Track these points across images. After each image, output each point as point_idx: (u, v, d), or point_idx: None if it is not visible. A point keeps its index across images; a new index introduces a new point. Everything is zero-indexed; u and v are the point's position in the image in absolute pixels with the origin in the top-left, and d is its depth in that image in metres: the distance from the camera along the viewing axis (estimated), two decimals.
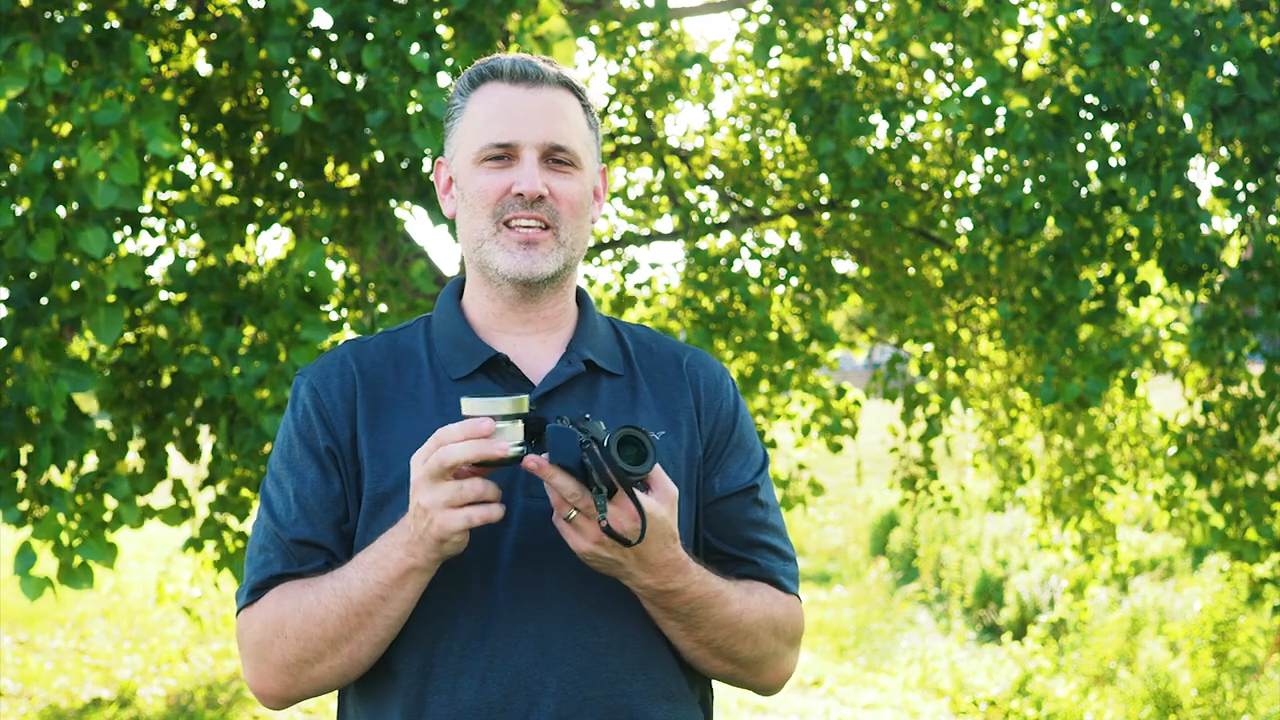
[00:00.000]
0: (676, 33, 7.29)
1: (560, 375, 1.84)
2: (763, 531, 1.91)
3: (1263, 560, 5.46)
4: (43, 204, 3.90)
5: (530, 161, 1.80)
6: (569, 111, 1.83)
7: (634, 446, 1.60)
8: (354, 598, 1.68)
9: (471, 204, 1.83)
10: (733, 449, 1.91)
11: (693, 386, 1.92)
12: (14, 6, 4.31)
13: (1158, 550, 10.99)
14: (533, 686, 1.73)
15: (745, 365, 6.64)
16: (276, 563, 1.78)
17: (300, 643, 1.72)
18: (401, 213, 5.48)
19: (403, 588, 1.67)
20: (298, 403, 1.85)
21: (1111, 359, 5.24)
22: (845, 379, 19.00)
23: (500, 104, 1.81)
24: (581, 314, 1.93)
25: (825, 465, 15.79)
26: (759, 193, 7.21)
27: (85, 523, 4.29)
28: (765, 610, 1.84)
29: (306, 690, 1.76)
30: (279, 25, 4.41)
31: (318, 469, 1.79)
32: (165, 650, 9.15)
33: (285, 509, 1.79)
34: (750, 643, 1.83)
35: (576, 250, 1.85)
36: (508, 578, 1.75)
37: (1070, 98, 5.01)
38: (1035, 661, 8.02)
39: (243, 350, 4.42)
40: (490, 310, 1.87)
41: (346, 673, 1.74)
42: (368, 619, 1.69)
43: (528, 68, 1.82)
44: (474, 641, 1.74)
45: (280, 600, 1.75)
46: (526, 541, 1.75)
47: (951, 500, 7.47)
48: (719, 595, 1.77)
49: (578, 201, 1.83)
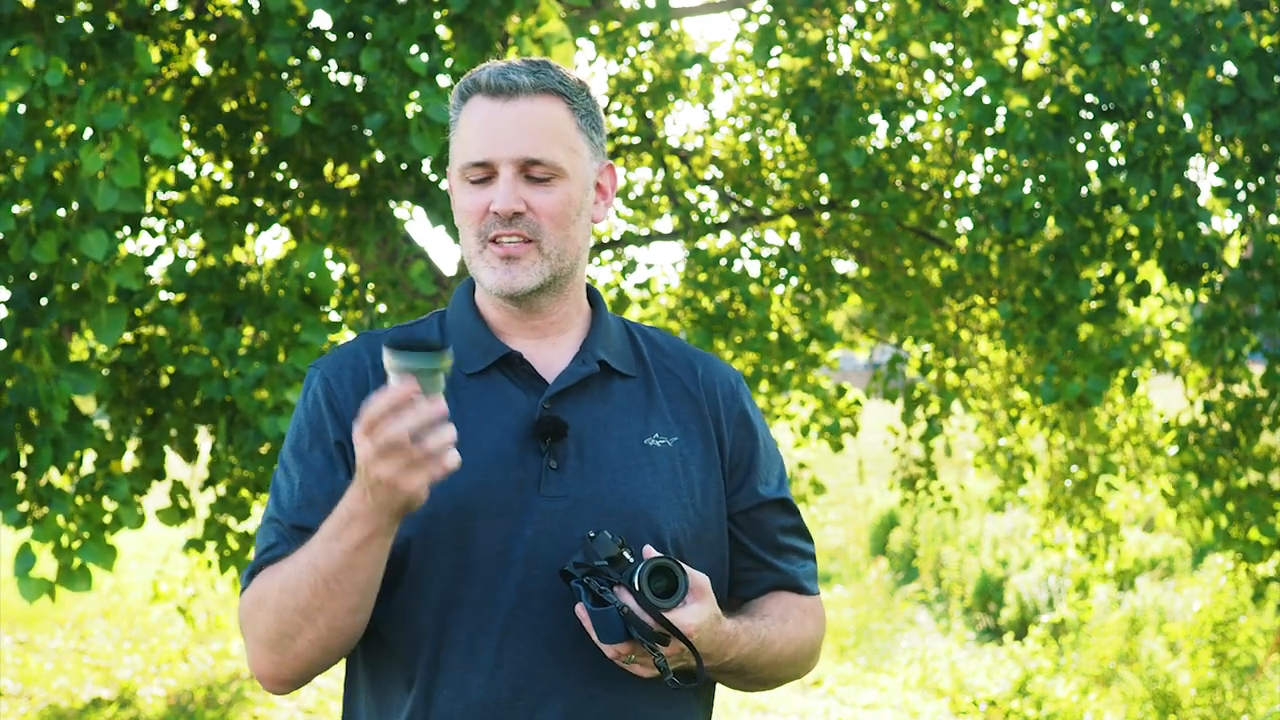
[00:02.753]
0: (676, 33, 7.28)
1: (575, 374, 1.84)
2: (791, 535, 1.96)
3: (1266, 560, 5.46)
4: (44, 206, 3.90)
5: (505, 178, 1.79)
6: (549, 119, 1.81)
7: (664, 576, 1.66)
8: (321, 567, 1.68)
9: (460, 221, 1.85)
10: (760, 456, 1.94)
11: (709, 395, 1.92)
12: (17, 8, 4.30)
13: (1158, 550, 10.99)
14: (541, 685, 1.74)
15: (745, 365, 6.64)
16: (278, 548, 1.79)
17: (278, 615, 1.72)
18: (401, 213, 5.48)
19: (367, 553, 1.66)
20: (309, 394, 1.86)
21: (1112, 358, 5.24)
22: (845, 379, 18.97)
23: (479, 120, 1.81)
24: (595, 315, 1.93)
25: (825, 465, 15.78)
26: (759, 193, 7.21)
27: (85, 524, 4.29)
28: (800, 634, 1.91)
29: (294, 669, 1.75)
30: (279, 27, 4.41)
31: (324, 460, 1.80)
32: (165, 650, 9.15)
33: (290, 497, 1.80)
34: (791, 668, 1.91)
35: (565, 259, 1.83)
36: (521, 576, 1.75)
37: (1070, 97, 5.01)
38: (1035, 661, 8.01)
39: (242, 351, 4.42)
40: (497, 316, 1.89)
41: (329, 644, 1.73)
42: (337, 587, 1.68)
43: (503, 80, 1.81)
44: (482, 639, 1.74)
45: (265, 578, 1.76)
46: (539, 540, 1.76)
47: (951, 500, 7.47)
48: (763, 643, 1.83)
49: (559, 212, 1.81)
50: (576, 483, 1.78)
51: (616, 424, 1.84)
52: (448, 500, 1.71)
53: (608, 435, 1.82)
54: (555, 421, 1.78)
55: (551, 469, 1.78)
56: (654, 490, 1.81)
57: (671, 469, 1.84)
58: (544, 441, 1.78)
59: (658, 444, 1.84)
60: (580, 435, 1.80)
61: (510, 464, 1.77)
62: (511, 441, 1.78)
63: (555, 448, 1.78)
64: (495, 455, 1.77)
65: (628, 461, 1.82)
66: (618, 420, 1.84)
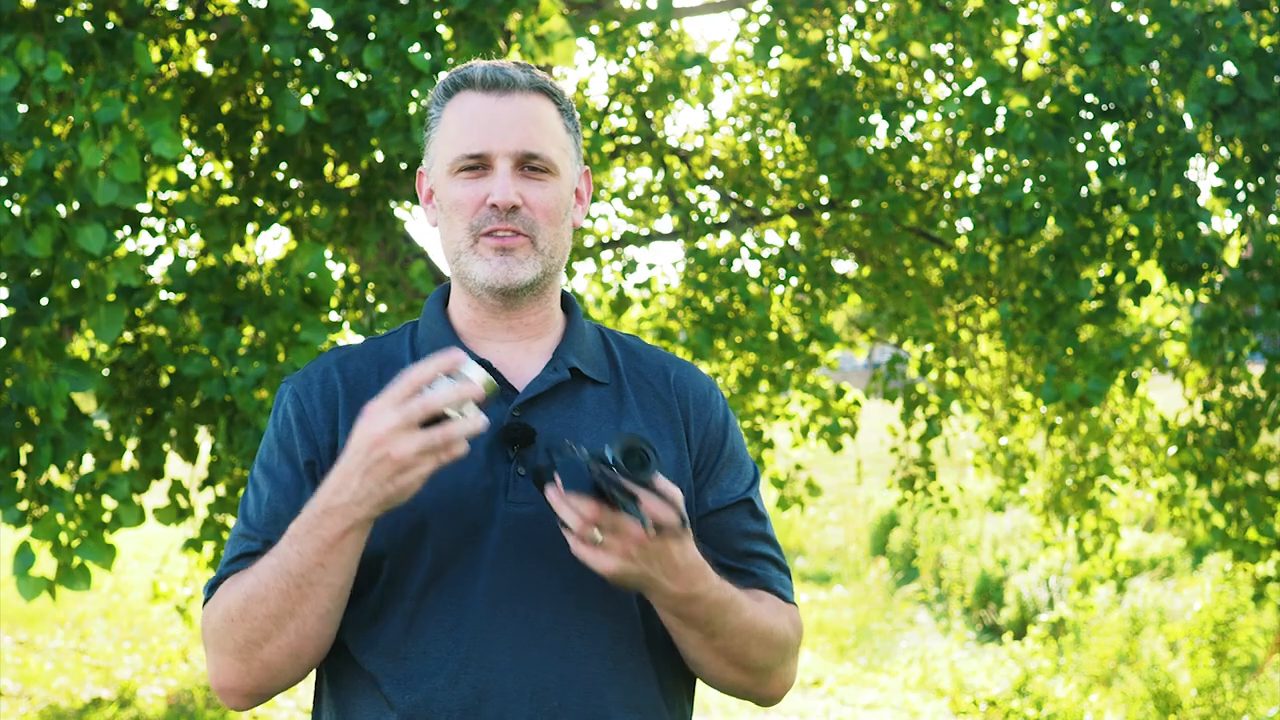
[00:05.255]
0: (676, 33, 7.29)
1: (545, 381, 1.82)
2: (758, 542, 1.91)
3: (1264, 560, 5.46)
4: (39, 200, 3.90)
5: (503, 171, 1.78)
6: (543, 118, 1.82)
7: (636, 455, 1.59)
8: (292, 570, 1.66)
9: (449, 215, 1.83)
10: (725, 462, 1.90)
11: (680, 400, 1.90)
12: (16, 7, 4.31)
13: (1158, 550, 10.99)
14: (508, 690, 1.72)
15: (745, 365, 6.64)
16: (242, 561, 1.78)
17: (246, 624, 1.70)
18: (401, 213, 5.48)
19: (342, 552, 1.66)
20: (279, 410, 1.85)
21: (1112, 358, 5.24)
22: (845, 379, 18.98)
23: (473, 113, 1.80)
24: (569, 321, 1.92)
25: (825, 465, 15.79)
26: (759, 193, 7.21)
27: (84, 523, 4.29)
28: (773, 616, 1.85)
29: (261, 679, 1.74)
30: (282, 25, 4.41)
31: (292, 477, 1.79)
32: (165, 650, 9.15)
33: (258, 514, 1.79)
34: (763, 649, 1.82)
35: (555, 257, 1.83)
36: (487, 582, 1.74)
37: (1070, 97, 5.01)
38: (1035, 661, 8.01)
39: (242, 351, 4.42)
40: (473, 318, 1.87)
41: (297, 651, 1.71)
42: (309, 589, 1.67)
43: (499, 75, 1.80)
44: (448, 642, 1.73)
45: (230, 588, 1.74)
46: (507, 546, 1.75)
47: (950, 500, 7.47)
48: (734, 600, 1.77)
49: (554, 209, 1.81)
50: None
51: (586, 430, 1.82)
52: (414, 508, 1.70)
53: (577, 442, 1.81)
54: (523, 429, 1.77)
55: (519, 476, 1.76)
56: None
57: None
58: (512, 448, 1.77)
59: None
60: (549, 442, 1.79)
61: (479, 472, 1.76)
62: (480, 449, 1.76)
63: (523, 455, 1.77)
64: (463, 463, 1.72)
65: None
66: (588, 426, 1.82)
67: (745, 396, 6.88)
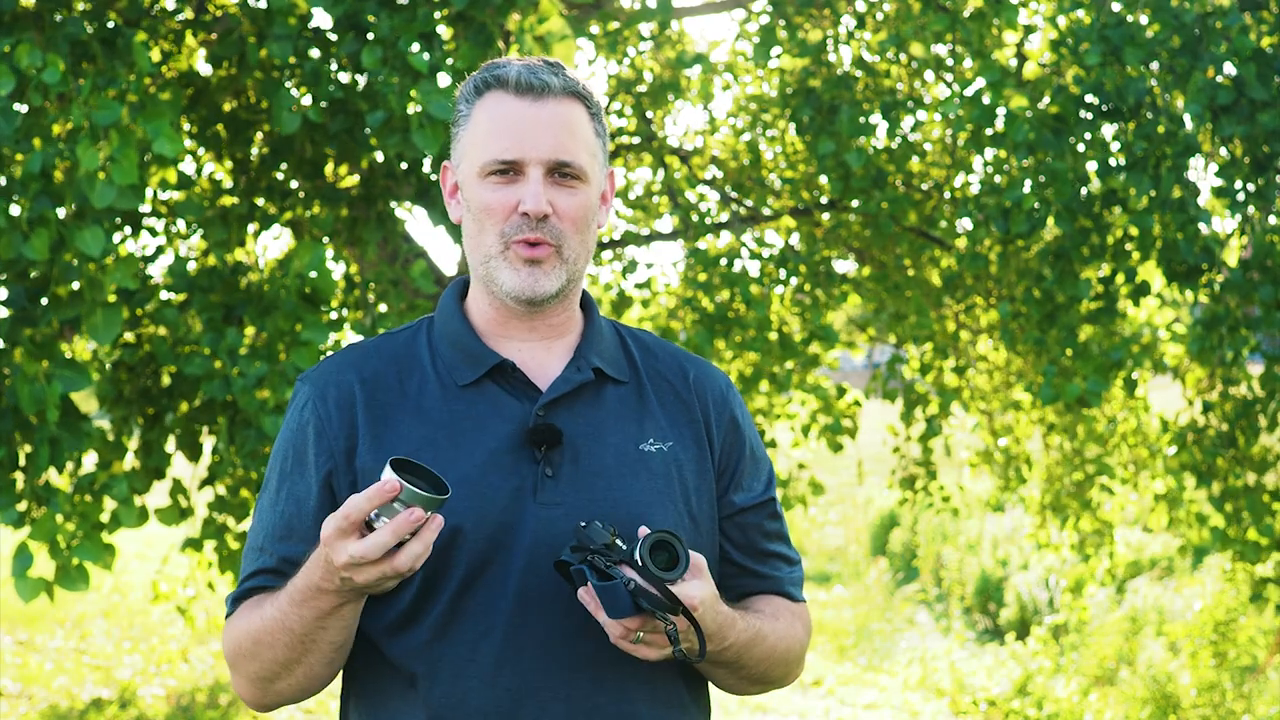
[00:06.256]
0: (676, 33, 7.28)
1: (569, 382, 1.83)
2: (776, 542, 1.95)
3: (1264, 560, 5.46)
4: (37, 202, 3.90)
5: (535, 179, 1.77)
6: (575, 123, 1.80)
7: (665, 551, 1.65)
8: (294, 629, 1.70)
9: (478, 218, 1.81)
10: (747, 461, 1.93)
11: (700, 401, 1.91)
12: (16, 7, 4.30)
13: (1158, 550, 10.99)
14: (542, 692, 1.74)
15: (745, 365, 6.64)
16: (260, 578, 1.80)
17: (258, 663, 1.76)
18: (401, 213, 5.48)
19: (338, 618, 1.70)
20: (297, 413, 1.84)
21: (1112, 359, 5.24)
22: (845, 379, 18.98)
23: (505, 117, 1.78)
24: (588, 320, 1.92)
25: (825, 465, 15.78)
26: (759, 193, 7.20)
27: (82, 524, 4.28)
28: (791, 633, 1.90)
29: (276, 701, 1.80)
30: (280, 25, 4.41)
31: (308, 487, 1.80)
32: (165, 650, 9.15)
33: (274, 523, 1.81)
34: (783, 667, 1.90)
35: (580, 264, 1.83)
36: (519, 584, 1.75)
37: (1070, 97, 5.01)
38: (1036, 661, 8.01)
39: (243, 351, 4.42)
40: (494, 317, 1.86)
41: (308, 687, 1.77)
42: (312, 644, 1.72)
43: (534, 79, 1.78)
44: (483, 646, 1.74)
45: (245, 617, 1.78)
46: (537, 548, 1.75)
47: (950, 500, 7.47)
48: (757, 634, 1.82)
49: (582, 216, 1.81)
50: (572, 490, 1.78)
51: (611, 430, 1.83)
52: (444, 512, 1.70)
53: (602, 441, 1.81)
54: (549, 429, 1.78)
55: (547, 477, 1.77)
56: (649, 496, 1.81)
57: (666, 474, 1.83)
58: (539, 449, 1.78)
59: (652, 449, 1.84)
60: (575, 442, 1.80)
61: (506, 473, 1.76)
62: (506, 450, 1.77)
63: (550, 455, 1.78)
64: (490, 465, 1.75)
65: (623, 467, 1.81)
66: (612, 426, 1.83)
67: (746, 396, 6.87)
